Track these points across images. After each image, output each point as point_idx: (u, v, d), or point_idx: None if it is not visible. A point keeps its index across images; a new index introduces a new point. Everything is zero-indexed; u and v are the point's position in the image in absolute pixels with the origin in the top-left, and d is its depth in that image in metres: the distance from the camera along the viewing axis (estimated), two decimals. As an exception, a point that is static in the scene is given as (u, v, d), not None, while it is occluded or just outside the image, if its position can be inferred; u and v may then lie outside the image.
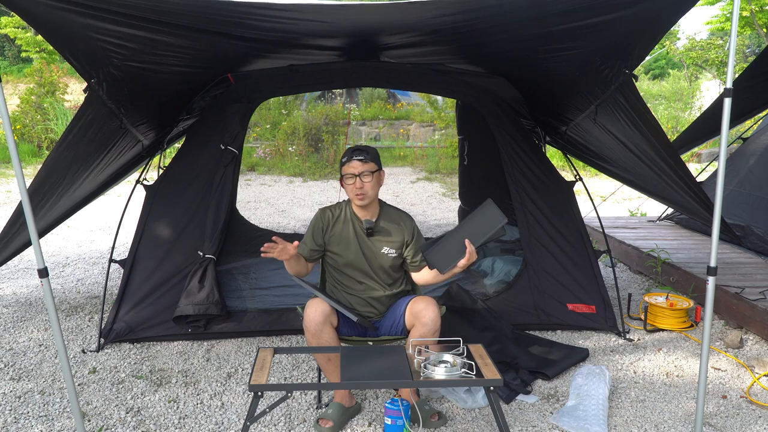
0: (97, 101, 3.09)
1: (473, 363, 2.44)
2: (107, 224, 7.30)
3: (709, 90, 16.84)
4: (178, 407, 3.01)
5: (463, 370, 2.37)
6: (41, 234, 3.60)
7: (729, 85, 2.42)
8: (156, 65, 3.31)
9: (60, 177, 3.39)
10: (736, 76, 4.73)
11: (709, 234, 2.62)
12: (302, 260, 2.89)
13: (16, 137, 12.50)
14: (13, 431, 2.79)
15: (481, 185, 5.42)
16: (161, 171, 4.25)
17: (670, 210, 6.47)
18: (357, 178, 2.78)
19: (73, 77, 14.74)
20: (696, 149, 11.69)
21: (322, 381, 3.06)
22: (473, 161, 5.66)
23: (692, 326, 4.07)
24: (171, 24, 2.76)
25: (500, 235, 2.72)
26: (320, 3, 2.62)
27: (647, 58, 11.93)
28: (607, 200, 8.56)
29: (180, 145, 4.37)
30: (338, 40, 3.64)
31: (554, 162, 5.24)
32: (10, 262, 5.09)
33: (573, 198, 4.25)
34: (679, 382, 3.31)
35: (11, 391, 3.15)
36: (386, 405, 2.58)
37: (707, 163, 7.91)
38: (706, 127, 5.71)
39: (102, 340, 3.68)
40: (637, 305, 4.41)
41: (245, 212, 7.18)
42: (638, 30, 2.80)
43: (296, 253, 2.73)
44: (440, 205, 8.88)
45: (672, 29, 17.06)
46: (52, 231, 4.65)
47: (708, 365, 2.67)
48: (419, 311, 2.74)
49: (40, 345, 3.74)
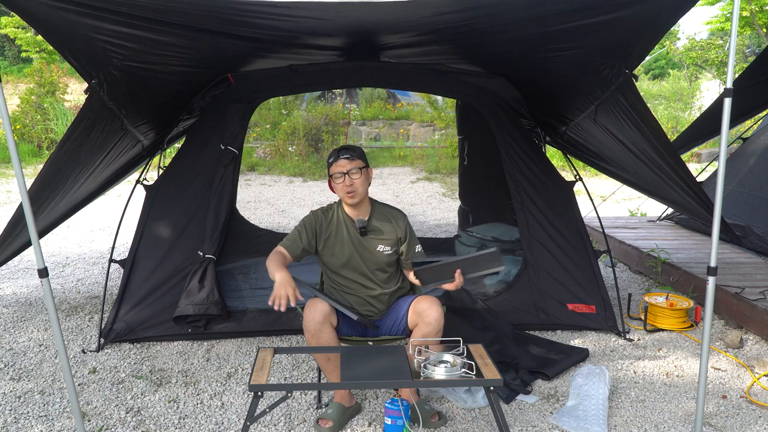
0: (98, 102, 3.09)
1: (473, 363, 2.44)
2: (107, 224, 7.30)
3: (709, 90, 16.82)
4: (178, 407, 3.01)
5: (463, 370, 2.37)
6: (41, 234, 3.60)
7: (729, 85, 2.42)
8: (156, 65, 3.31)
9: (62, 178, 3.39)
10: (736, 76, 4.72)
11: (709, 234, 2.62)
12: (287, 260, 2.85)
13: (16, 137, 12.50)
14: (13, 431, 2.79)
15: (481, 185, 5.42)
16: (161, 171, 4.25)
17: (670, 210, 6.47)
18: (346, 176, 2.79)
19: (73, 77, 14.74)
20: (696, 149, 11.69)
21: (322, 381, 3.06)
22: (473, 161, 5.65)
23: (692, 326, 4.07)
24: (171, 24, 2.76)
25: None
26: (319, 0, 2.62)
27: (647, 58, 11.93)
28: (607, 200, 8.55)
29: (180, 145, 4.37)
30: (338, 40, 3.64)
31: (554, 162, 5.24)
32: (10, 262, 5.09)
33: (573, 198, 4.25)
34: (679, 382, 3.31)
35: (11, 391, 3.15)
36: (386, 405, 2.58)
37: (707, 163, 7.90)
38: (706, 127, 5.71)
39: (102, 340, 3.68)
40: (637, 305, 4.41)
41: (245, 212, 7.18)
42: (638, 30, 2.80)
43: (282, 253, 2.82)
44: (440, 205, 8.87)
45: (672, 29, 17.06)
46: (52, 231, 4.64)
47: (708, 365, 2.67)
48: (423, 310, 2.75)
49: (40, 345, 3.74)
